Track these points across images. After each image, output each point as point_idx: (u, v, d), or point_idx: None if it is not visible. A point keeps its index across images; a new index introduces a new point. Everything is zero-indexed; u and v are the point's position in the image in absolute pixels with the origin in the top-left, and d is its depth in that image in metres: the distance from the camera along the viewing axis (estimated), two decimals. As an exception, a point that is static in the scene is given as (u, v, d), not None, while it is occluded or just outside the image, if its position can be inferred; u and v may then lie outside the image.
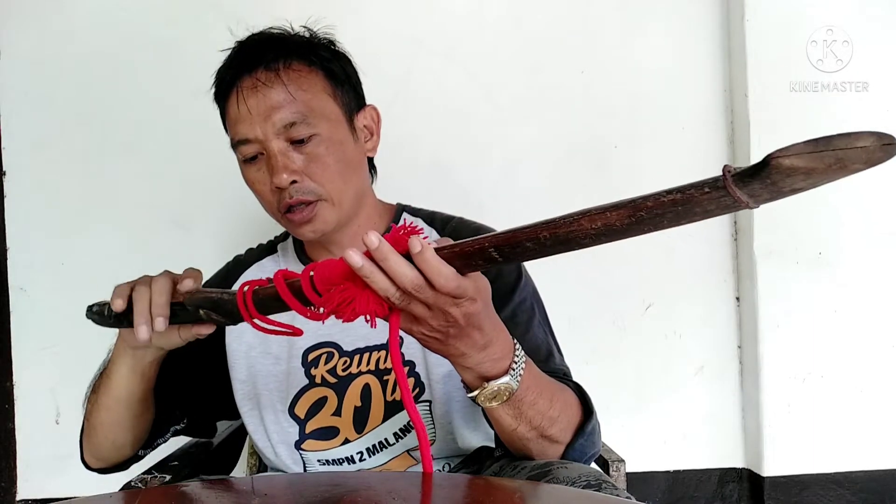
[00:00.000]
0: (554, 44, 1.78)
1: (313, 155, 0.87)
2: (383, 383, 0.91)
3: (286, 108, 0.86)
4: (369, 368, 0.91)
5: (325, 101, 0.90)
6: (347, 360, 0.93)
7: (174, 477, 0.88)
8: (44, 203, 1.73)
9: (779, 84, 1.71)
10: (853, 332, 1.73)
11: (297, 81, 0.88)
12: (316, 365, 0.94)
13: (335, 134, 0.89)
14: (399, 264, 0.58)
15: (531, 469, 0.75)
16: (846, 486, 1.72)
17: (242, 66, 0.89)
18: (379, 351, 0.92)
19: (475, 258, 0.58)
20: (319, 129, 0.87)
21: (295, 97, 0.87)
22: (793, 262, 1.73)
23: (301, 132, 0.86)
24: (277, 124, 0.86)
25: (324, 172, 0.87)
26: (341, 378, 0.92)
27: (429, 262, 0.58)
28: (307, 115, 0.87)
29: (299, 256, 1.01)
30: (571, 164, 1.77)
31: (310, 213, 0.88)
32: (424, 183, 1.73)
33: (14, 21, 1.72)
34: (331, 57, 0.94)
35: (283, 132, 0.86)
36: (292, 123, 0.86)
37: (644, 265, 1.78)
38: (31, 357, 1.74)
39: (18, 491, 1.74)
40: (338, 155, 0.89)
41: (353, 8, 1.74)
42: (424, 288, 0.59)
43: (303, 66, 0.90)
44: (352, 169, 0.91)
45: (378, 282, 0.59)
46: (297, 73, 0.89)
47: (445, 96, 1.75)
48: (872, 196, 1.74)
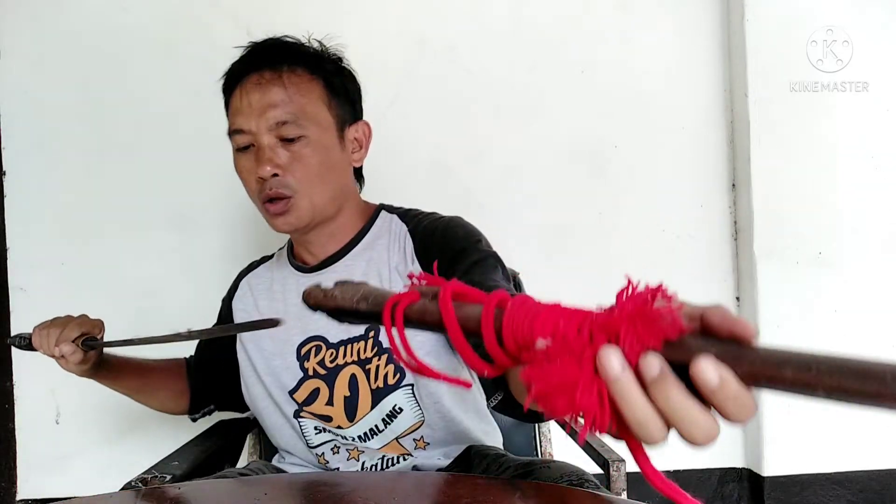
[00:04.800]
0: (554, 44, 1.78)
1: (298, 154, 0.94)
2: (366, 372, 0.96)
3: (281, 107, 0.94)
4: (353, 359, 0.97)
5: (320, 109, 0.97)
6: (334, 352, 0.98)
7: (174, 477, 0.88)
8: (44, 203, 1.73)
9: (779, 84, 1.71)
10: (853, 332, 1.73)
11: (296, 85, 0.96)
12: (308, 358, 1.00)
13: (323, 139, 0.96)
14: (689, 408, 0.34)
15: (514, 469, 0.83)
16: (846, 486, 1.72)
17: (251, 64, 0.97)
18: (359, 342, 0.97)
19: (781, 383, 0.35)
20: (309, 131, 0.95)
21: (291, 99, 0.94)
22: (793, 262, 1.73)
23: (291, 131, 0.94)
24: (270, 120, 0.93)
25: (304, 171, 0.94)
26: (330, 370, 0.98)
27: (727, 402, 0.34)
28: (299, 116, 0.94)
29: (290, 258, 1.08)
30: (571, 163, 1.77)
31: (284, 206, 0.94)
32: (424, 183, 1.74)
33: (14, 21, 1.72)
34: (335, 70, 1.01)
35: (274, 129, 0.94)
36: (284, 122, 0.93)
37: (644, 265, 1.78)
38: (31, 357, 1.73)
39: (18, 491, 1.74)
40: (321, 158, 0.96)
41: (354, 8, 1.74)
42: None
43: (305, 74, 0.97)
44: (333, 173, 0.98)
45: (637, 412, 0.35)
46: (298, 78, 0.96)
47: (446, 96, 1.75)
48: (873, 196, 1.74)
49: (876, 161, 1.74)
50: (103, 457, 1.72)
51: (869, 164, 1.74)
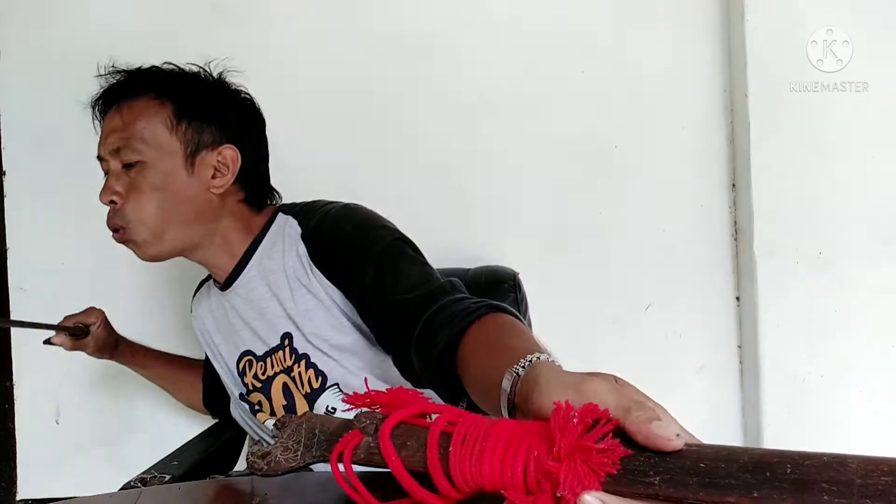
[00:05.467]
0: (554, 44, 1.78)
1: (135, 181, 0.95)
2: (293, 379, 0.96)
3: (117, 133, 0.96)
4: (280, 368, 0.97)
5: (161, 133, 0.96)
6: (263, 365, 0.99)
7: (174, 477, 0.88)
8: (44, 203, 1.73)
9: (779, 84, 1.71)
10: (853, 332, 1.73)
11: (135, 111, 0.97)
12: (245, 373, 1.02)
13: (162, 164, 0.95)
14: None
15: None
16: (846, 486, 1.72)
17: (109, 95, 1.01)
18: (279, 351, 0.97)
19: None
20: (145, 156, 0.95)
21: (126, 125, 0.96)
22: (793, 262, 1.73)
23: (127, 157, 0.95)
24: (109, 146, 0.96)
25: (138, 199, 0.94)
26: (263, 381, 0.99)
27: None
28: (133, 141, 0.95)
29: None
30: (571, 163, 1.77)
31: (122, 236, 0.97)
32: (424, 183, 1.74)
33: (14, 21, 1.72)
34: (191, 94, 0.99)
35: (115, 155, 0.96)
36: (119, 148, 0.95)
37: (644, 265, 1.78)
38: (31, 357, 1.74)
39: (18, 491, 1.74)
40: (158, 183, 0.95)
41: (354, 9, 1.74)
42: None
43: (151, 100, 0.98)
44: (173, 199, 0.96)
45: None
46: (141, 104, 0.97)
47: (445, 97, 1.75)
48: (873, 196, 1.74)
49: (876, 161, 1.74)
50: (103, 457, 1.72)
51: (869, 164, 1.74)
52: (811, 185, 1.73)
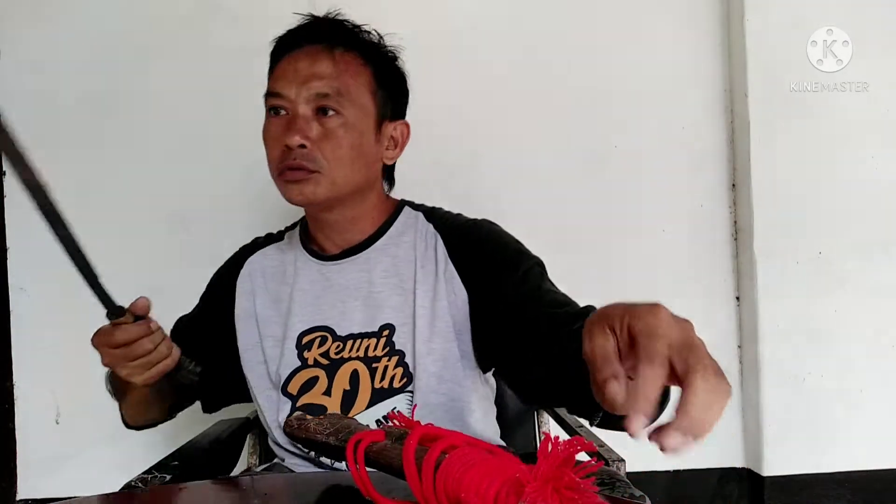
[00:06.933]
0: (554, 44, 1.78)
1: (331, 131, 0.91)
2: (372, 370, 0.94)
3: (327, 80, 0.91)
4: (358, 355, 0.95)
5: (364, 94, 0.95)
6: (340, 345, 0.96)
7: (174, 477, 0.88)
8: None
9: (779, 84, 1.71)
10: (853, 332, 1.73)
11: (348, 65, 0.94)
12: (309, 348, 0.97)
13: (359, 123, 0.94)
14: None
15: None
16: (846, 486, 1.72)
17: (308, 34, 0.96)
18: (370, 338, 0.95)
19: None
20: (347, 112, 0.92)
21: (338, 75, 0.92)
22: (793, 262, 1.73)
23: (329, 104, 0.91)
24: (312, 90, 0.91)
25: (333, 150, 0.91)
26: (333, 360, 0.96)
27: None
28: (342, 94, 0.92)
29: (303, 242, 1.05)
30: (571, 163, 1.77)
31: (303, 176, 0.91)
32: (424, 183, 1.73)
33: (14, 21, 1.72)
34: (387, 64, 1.01)
35: (313, 100, 0.91)
36: (325, 94, 0.91)
37: (644, 265, 1.78)
38: (31, 357, 1.74)
39: (18, 491, 1.74)
40: (353, 141, 0.93)
41: (353, 8, 1.73)
42: None
43: (358, 58, 0.96)
44: (361, 159, 0.95)
45: None
46: (351, 59, 0.95)
47: (445, 96, 1.75)
48: (873, 196, 1.74)
49: (876, 161, 1.74)
50: (103, 457, 1.72)
51: (869, 164, 1.74)
52: (811, 186, 1.73)
